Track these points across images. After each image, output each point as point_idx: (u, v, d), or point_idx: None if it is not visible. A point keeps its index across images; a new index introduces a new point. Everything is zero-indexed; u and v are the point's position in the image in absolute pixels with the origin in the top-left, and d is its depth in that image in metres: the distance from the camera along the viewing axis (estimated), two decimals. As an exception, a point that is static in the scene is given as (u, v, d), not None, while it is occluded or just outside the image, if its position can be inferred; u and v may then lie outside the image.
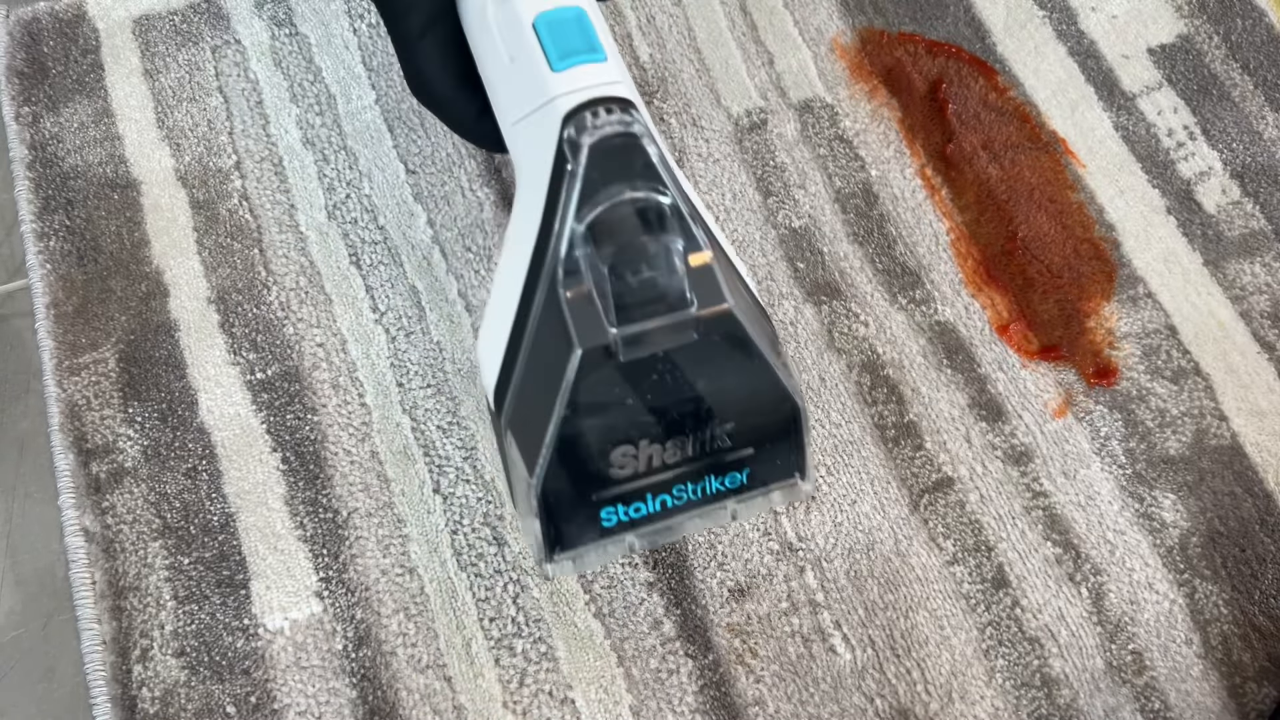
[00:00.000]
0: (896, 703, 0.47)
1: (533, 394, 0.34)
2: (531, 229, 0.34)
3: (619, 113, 0.33)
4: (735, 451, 0.36)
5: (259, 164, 0.58)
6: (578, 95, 0.34)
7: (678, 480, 0.36)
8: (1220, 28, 0.62)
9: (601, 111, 0.33)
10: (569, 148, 0.33)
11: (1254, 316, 0.55)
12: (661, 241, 0.32)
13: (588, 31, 0.36)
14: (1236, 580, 0.49)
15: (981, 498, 0.50)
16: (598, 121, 0.33)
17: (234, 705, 0.46)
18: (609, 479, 0.35)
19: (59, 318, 0.54)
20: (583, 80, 0.34)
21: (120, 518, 0.50)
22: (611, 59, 0.36)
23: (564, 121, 0.33)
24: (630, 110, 0.33)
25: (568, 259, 0.32)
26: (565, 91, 0.34)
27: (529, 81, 0.35)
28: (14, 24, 0.61)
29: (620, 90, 0.34)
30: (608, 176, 0.32)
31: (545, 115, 0.34)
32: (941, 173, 0.58)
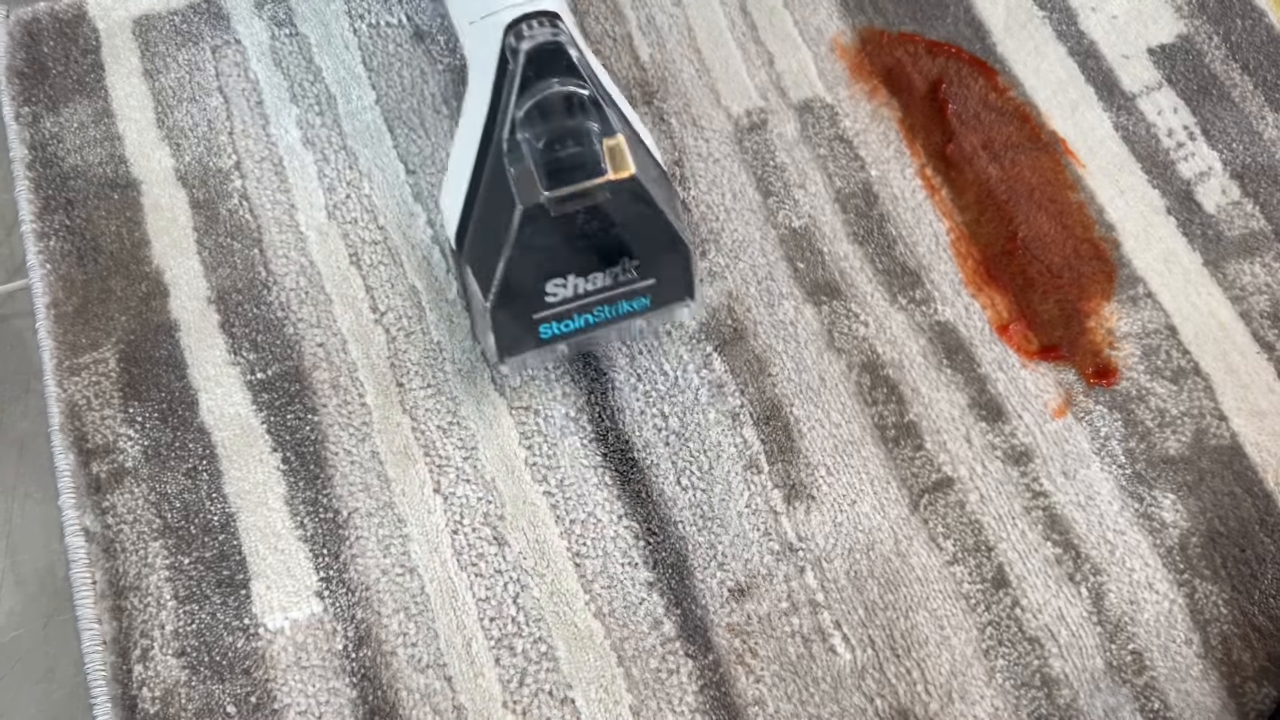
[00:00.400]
0: (896, 702, 0.47)
1: (485, 238, 0.44)
2: (481, 110, 0.44)
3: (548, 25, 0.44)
4: (640, 281, 0.46)
5: (259, 164, 0.58)
6: (515, 9, 0.44)
7: (597, 304, 0.46)
8: (1220, 28, 0.62)
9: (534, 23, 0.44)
10: (509, 52, 0.43)
11: (1254, 316, 0.55)
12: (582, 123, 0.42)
13: None
14: (1236, 580, 0.49)
15: (981, 498, 0.50)
16: (530, 32, 0.43)
17: (234, 705, 0.46)
18: (545, 303, 0.45)
19: (59, 318, 0.54)
20: None
21: (121, 518, 0.50)
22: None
23: (505, 30, 0.44)
24: (557, 22, 0.44)
25: (510, 138, 0.43)
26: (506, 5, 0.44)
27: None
28: (14, 24, 0.61)
29: (548, 4, 0.45)
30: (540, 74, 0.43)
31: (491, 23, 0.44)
32: (941, 173, 0.58)
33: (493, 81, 0.44)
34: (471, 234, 0.45)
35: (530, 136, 0.42)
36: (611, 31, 0.61)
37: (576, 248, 0.44)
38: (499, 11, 0.44)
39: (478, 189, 0.44)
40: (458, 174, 0.46)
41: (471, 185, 0.45)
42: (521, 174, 0.42)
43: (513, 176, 0.42)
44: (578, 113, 0.43)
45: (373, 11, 0.62)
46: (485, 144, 0.44)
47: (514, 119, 0.42)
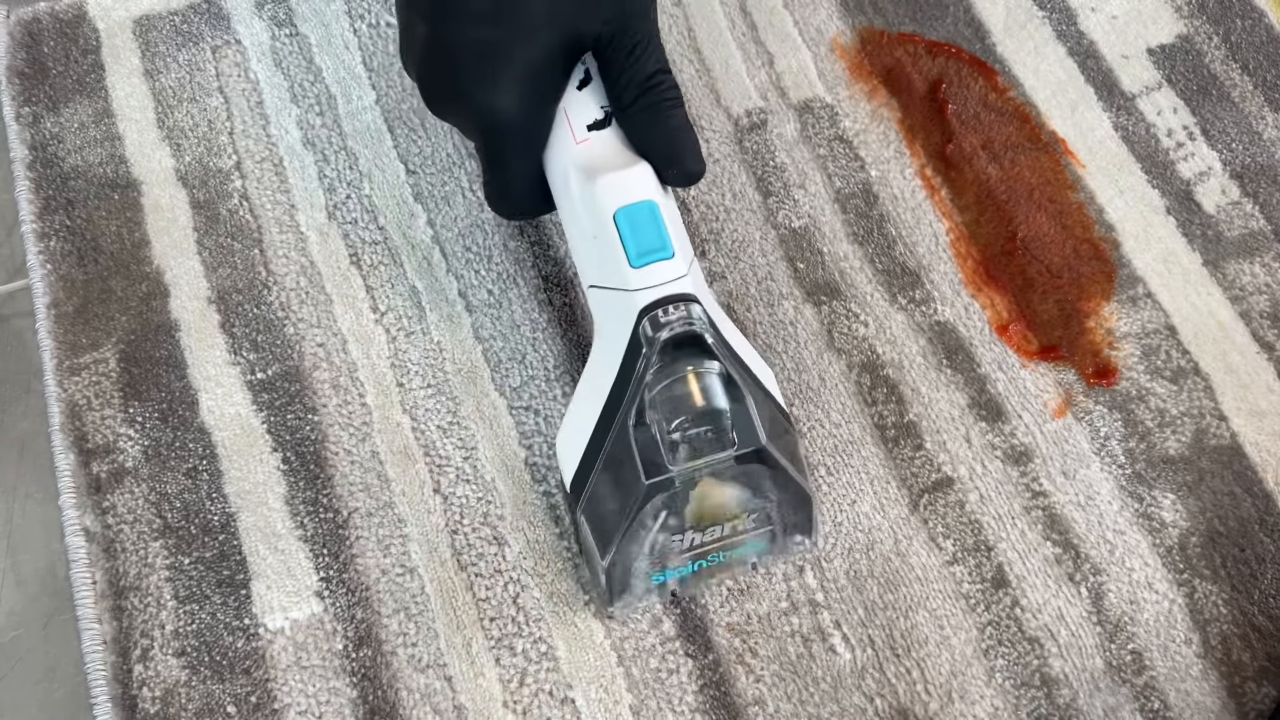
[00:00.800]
0: (896, 702, 0.47)
1: (606, 499, 0.44)
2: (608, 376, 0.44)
3: (684, 309, 0.42)
4: (759, 529, 0.45)
5: (259, 164, 0.58)
6: (652, 293, 0.42)
7: (713, 551, 0.45)
8: (1220, 28, 0.62)
9: (670, 309, 0.42)
10: (644, 338, 0.42)
11: (1253, 316, 0.55)
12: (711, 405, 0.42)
13: (660, 229, 0.44)
14: (1236, 580, 0.49)
15: (981, 497, 0.50)
16: (666, 318, 0.42)
17: (234, 705, 0.46)
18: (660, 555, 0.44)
19: (59, 318, 0.54)
20: (655, 277, 0.43)
21: (121, 518, 0.50)
22: (679, 254, 0.44)
23: (640, 313, 0.42)
24: (693, 305, 0.42)
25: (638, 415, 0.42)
26: (642, 287, 0.43)
27: (610, 265, 0.44)
28: (14, 24, 0.61)
29: (685, 285, 0.43)
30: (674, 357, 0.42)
31: (624, 300, 0.43)
32: (941, 173, 0.58)
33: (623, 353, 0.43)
34: (591, 492, 0.44)
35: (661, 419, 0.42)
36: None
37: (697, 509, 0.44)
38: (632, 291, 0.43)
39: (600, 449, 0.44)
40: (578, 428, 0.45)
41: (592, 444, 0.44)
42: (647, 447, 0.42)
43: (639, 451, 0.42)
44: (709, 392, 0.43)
45: (373, 11, 0.62)
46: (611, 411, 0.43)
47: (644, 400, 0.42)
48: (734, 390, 0.43)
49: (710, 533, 0.44)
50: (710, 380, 0.42)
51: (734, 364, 0.43)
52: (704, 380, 0.42)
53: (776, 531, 0.46)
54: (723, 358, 0.43)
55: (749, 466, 0.43)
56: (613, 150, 0.46)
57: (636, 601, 0.47)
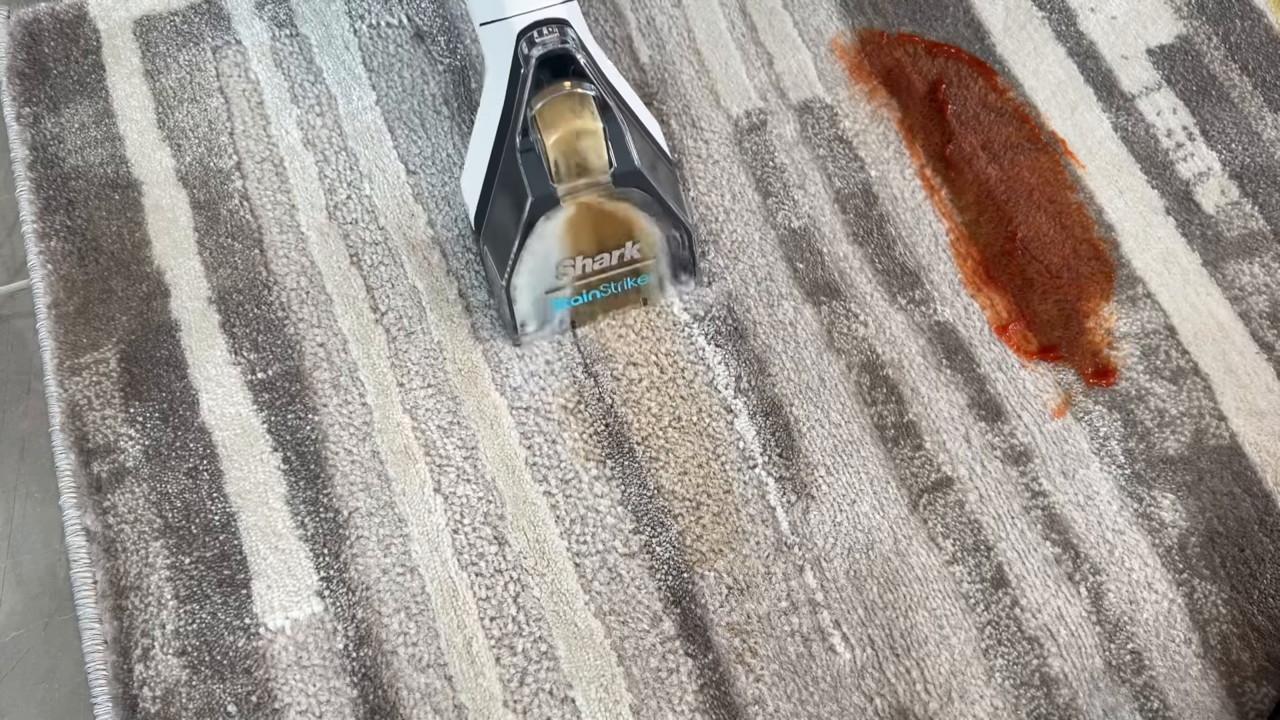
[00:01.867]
0: (896, 702, 0.47)
1: (501, 223, 0.48)
2: (497, 107, 0.48)
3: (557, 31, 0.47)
4: (644, 260, 0.50)
5: (260, 164, 0.58)
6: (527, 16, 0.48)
7: (604, 281, 0.50)
8: (1219, 29, 0.62)
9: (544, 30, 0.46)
10: (522, 58, 0.47)
11: (1253, 317, 0.55)
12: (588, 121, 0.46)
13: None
14: (1235, 580, 0.49)
15: (981, 497, 0.50)
16: (541, 38, 0.47)
17: (235, 704, 0.46)
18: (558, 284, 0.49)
19: (60, 318, 0.54)
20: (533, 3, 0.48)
21: (121, 517, 0.50)
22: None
23: (517, 37, 0.47)
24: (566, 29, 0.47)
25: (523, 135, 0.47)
26: (518, 12, 0.48)
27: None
28: (15, 24, 0.61)
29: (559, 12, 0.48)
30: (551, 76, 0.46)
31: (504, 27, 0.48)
32: (941, 173, 0.58)
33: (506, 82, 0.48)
34: (489, 220, 0.49)
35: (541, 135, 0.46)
36: (611, 33, 0.61)
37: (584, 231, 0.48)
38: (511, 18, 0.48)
39: (494, 179, 0.48)
40: (476, 165, 0.50)
41: (488, 175, 0.49)
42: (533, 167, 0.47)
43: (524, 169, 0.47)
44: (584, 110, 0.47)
45: (373, 12, 0.62)
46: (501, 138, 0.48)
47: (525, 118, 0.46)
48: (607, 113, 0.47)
49: (600, 259, 0.49)
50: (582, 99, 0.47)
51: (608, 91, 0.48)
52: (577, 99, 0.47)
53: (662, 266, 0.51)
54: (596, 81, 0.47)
55: (627, 190, 0.47)
56: None
57: (540, 331, 0.51)
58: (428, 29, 0.61)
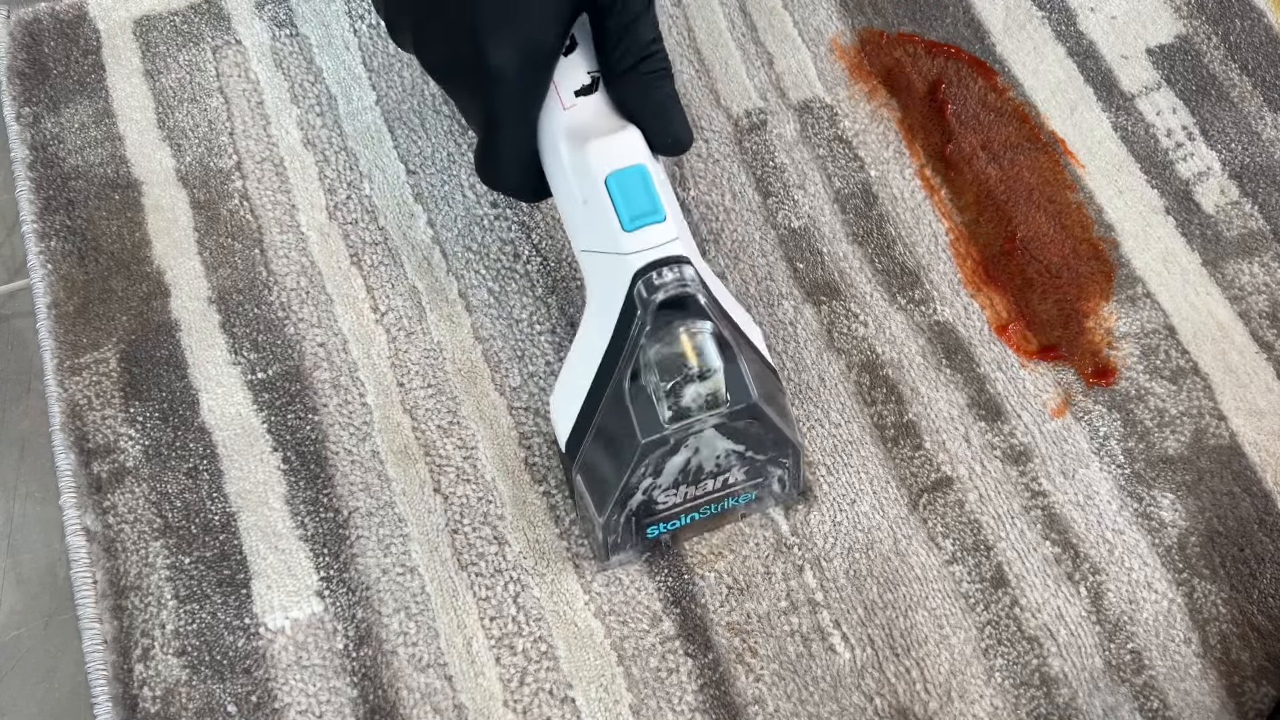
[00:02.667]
0: (896, 702, 0.47)
1: (602, 456, 0.45)
2: (603, 338, 0.45)
3: (678, 271, 0.43)
4: (748, 483, 0.47)
5: (260, 164, 0.58)
6: (645, 255, 0.43)
7: (705, 504, 0.47)
8: (1219, 28, 0.62)
9: (664, 271, 0.43)
10: (639, 300, 0.43)
11: (1252, 316, 0.55)
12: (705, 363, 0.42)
13: (651, 193, 0.44)
14: (1235, 579, 0.49)
15: (980, 497, 0.51)
16: (660, 280, 0.43)
17: (235, 704, 0.46)
18: (654, 510, 0.46)
19: (60, 318, 0.54)
20: (648, 240, 0.43)
21: (121, 517, 0.50)
22: (670, 216, 0.44)
23: (634, 276, 0.43)
24: (685, 267, 0.43)
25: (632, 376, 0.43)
26: (635, 250, 0.43)
27: (603, 230, 0.44)
28: (15, 24, 0.61)
29: (677, 248, 0.44)
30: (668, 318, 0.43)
31: (618, 263, 0.44)
32: (941, 173, 0.58)
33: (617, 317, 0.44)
34: (587, 450, 0.45)
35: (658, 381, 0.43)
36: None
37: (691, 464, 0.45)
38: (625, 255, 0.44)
39: (595, 410, 0.45)
40: (573, 389, 0.46)
41: (587, 404, 0.45)
42: (643, 407, 0.43)
43: (634, 411, 0.43)
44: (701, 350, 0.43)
45: (373, 12, 0.62)
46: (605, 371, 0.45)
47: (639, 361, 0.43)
48: (726, 349, 0.43)
49: (702, 486, 0.46)
50: (703, 340, 0.43)
51: (725, 323, 0.44)
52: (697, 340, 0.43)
53: (765, 483, 0.48)
54: (714, 318, 0.43)
55: (741, 423, 0.44)
56: (601, 115, 0.47)
57: (631, 556, 0.49)
58: (427, 29, 0.61)
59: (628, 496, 0.45)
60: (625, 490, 0.44)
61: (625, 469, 0.43)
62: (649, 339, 0.43)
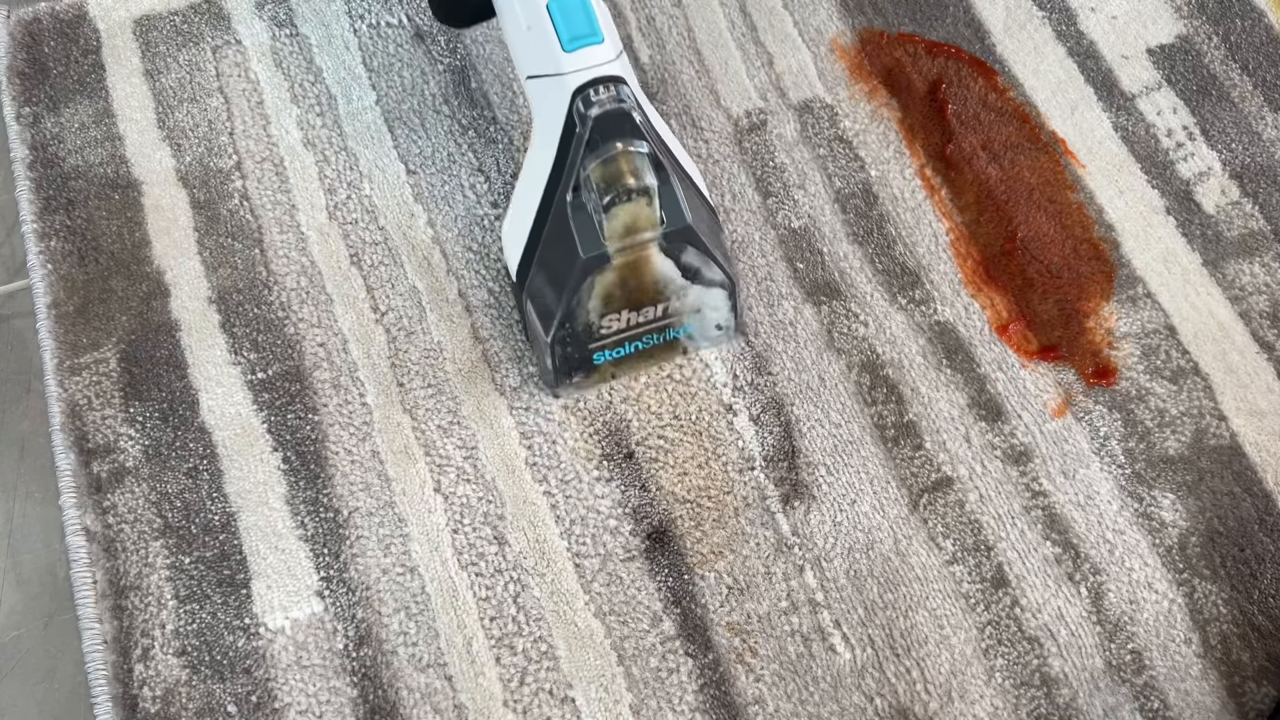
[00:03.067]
0: (896, 701, 0.47)
1: (547, 279, 0.47)
2: (547, 161, 0.47)
3: (614, 90, 0.45)
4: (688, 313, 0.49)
5: (260, 164, 0.58)
6: (583, 74, 0.45)
7: (647, 333, 0.50)
8: (1219, 28, 0.62)
9: (601, 89, 0.45)
10: (578, 116, 0.45)
11: (1253, 316, 0.55)
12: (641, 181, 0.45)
13: (590, 17, 0.46)
14: (1235, 580, 0.49)
15: (981, 497, 0.50)
16: (598, 97, 0.45)
17: (235, 704, 0.46)
18: (599, 334, 0.48)
19: (60, 318, 0.54)
20: (587, 60, 0.46)
21: (121, 517, 0.50)
22: (608, 39, 0.46)
23: (573, 94, 0.45)
24: (622, 86, 0.45)
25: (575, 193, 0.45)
26: (574, 69, 0.46)
27: (544, 52, 0.47)
28: (15, 24, 0.61)
29: (615, 68, 0.46)
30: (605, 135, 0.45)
31: (558, 84, 0.46)
32: (941, 173, 0.58)
33: (559, 137, 0.46)
34: (534, 274, 0.48)
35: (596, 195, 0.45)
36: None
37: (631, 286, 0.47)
38: (565, 75, 0.46)
39: (541, 233, 0.47)
40: (521, 216, 0.49)
41: (535, 228, 0.48)
42: (584, 225, 0.46)
43: (575, 228, 0.46)
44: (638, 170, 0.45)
45: (373, 12, 0.62)
46: (550, 193, 0.47)
47: (579, 177, 0.45)
48: (660, 171, 0.46)
49: (644, 313, 0.48)
50: (639, 159, 0.45)
51: (660, 148, 0.47)
52: (633, 159, 0.45)
53: (703, 316, 0.50)
54: (649, 139, 0.46)
55: (676, 245, 0.46)
56: None
57: (580, 383, 0.51)
58: (428, 29, 0.61)
59: (571, 316, 0.47)
60: (569, 308, 0.46)
61: (568, 286, 0.46)
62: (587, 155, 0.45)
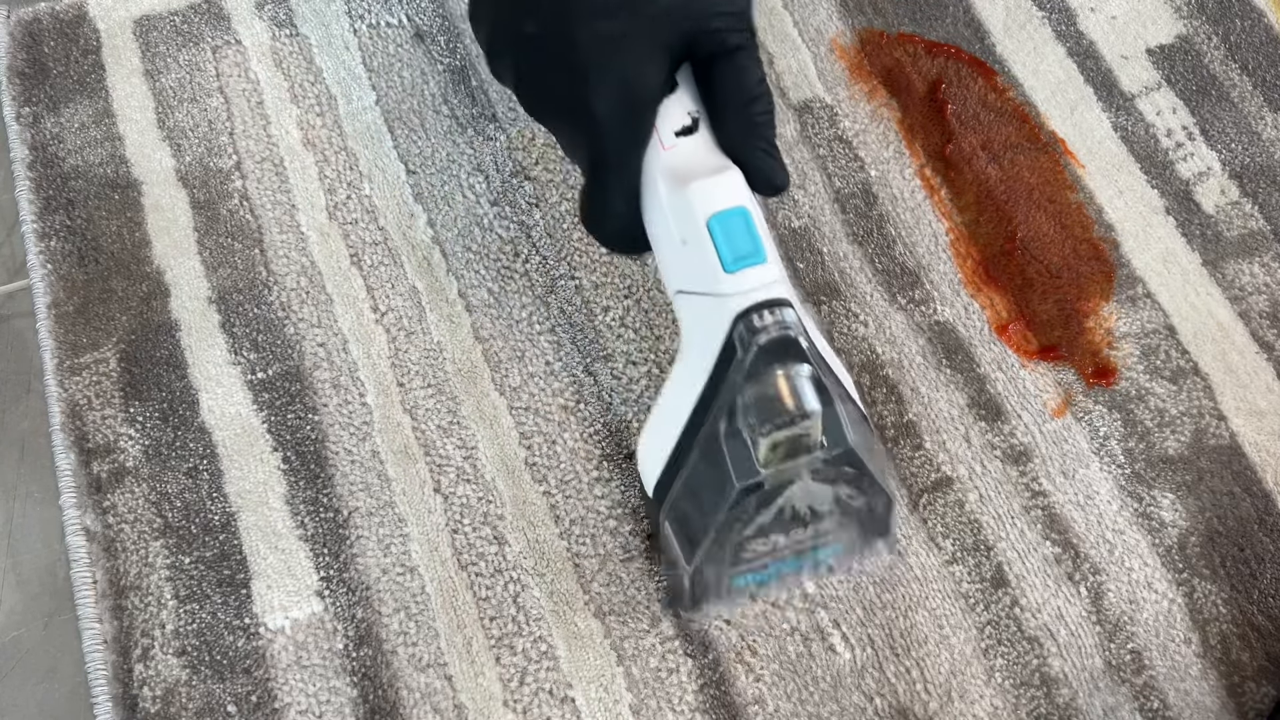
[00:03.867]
0: (896, 702, 0.47)
1: (692, 502, 0.43)
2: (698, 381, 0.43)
3: (779, 314, 0.42)
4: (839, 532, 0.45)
5: (259, 164, 0.58)
6: (747, 297, 0.42)
7: (794, 555, 0.46)
8: (1219, 28, 0.62)
9: (766, 314, 0.41)
10: (739, 341, 0.41)
11: (1253, 316, 0.55)
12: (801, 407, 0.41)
13: (754, 235, 0.43)
14: (1235, 579, 0.49)
15: (980, 497, 0.51)
16: (762, 323, 0.41)
17: (235, 704, 0.46)
18: (743, 559, 0.45)
19: (60, 318, 0.54)
20: (749, 282, 0.42)
21: (121, 517, 0.50)
22: (771, 259, 0.43)
23: (735, 318, 0.42)
24: (787, 310, 0.42)
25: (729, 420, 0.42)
26: (736, 292, 0.42)
27: (702, 271, 0.43)
28: (15, 24, 0.61)
29: (779, 290, 0.42)
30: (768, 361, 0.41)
31: (718, 305, 0.42)
32: (941, 173, 0.58)
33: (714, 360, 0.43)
34: (677, 496, 0.44)
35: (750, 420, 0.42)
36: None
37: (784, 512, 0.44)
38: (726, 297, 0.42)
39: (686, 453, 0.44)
40: (663, 434, 0.45)
41: (679, 448, 0.44)
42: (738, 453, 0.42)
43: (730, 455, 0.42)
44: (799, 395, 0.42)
45: (373, 12, 0.62)
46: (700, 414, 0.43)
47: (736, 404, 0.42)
48: (823, 393, 0.42)
49: (794, 535, 0.44)
50: (802, 383, 0.42)
51: (822, 367, 0.43)
52: (795, 383, 0.42)
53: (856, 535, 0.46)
54: (814, 362, 0.42)
55: (837, 469, 0.43)
56: (701, 156, 0.45)
57: (718, 606, 0.48)
58: (428, 29, 0.61)
59: (718, 544, 0.43)
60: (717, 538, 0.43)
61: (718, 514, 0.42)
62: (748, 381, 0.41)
